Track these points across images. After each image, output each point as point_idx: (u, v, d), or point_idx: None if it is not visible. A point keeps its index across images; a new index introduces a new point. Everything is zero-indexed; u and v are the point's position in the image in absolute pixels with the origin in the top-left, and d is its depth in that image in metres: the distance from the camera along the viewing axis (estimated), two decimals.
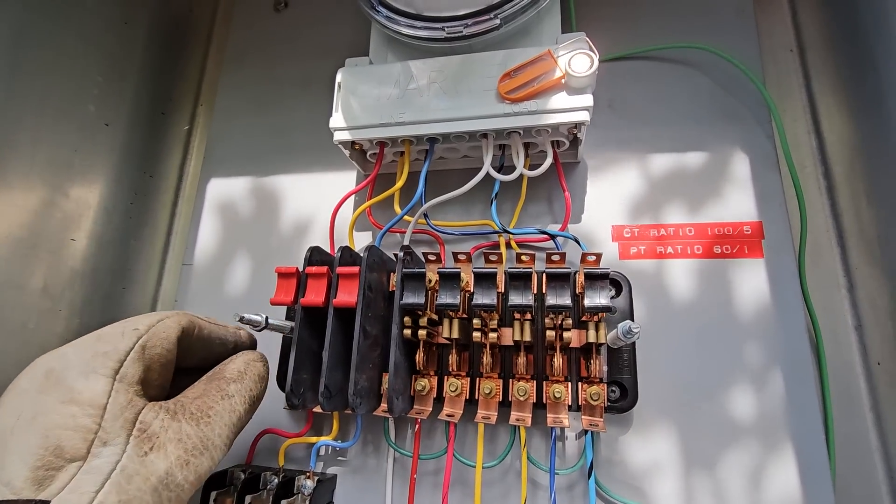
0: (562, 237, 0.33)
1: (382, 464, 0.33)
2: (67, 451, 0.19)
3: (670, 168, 0.35)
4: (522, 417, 0.29)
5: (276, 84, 0.45)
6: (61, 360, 0.22)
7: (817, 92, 0.39)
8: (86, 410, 0.20)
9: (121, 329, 0.23)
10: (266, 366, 0.28)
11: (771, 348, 0.30)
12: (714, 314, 0.32)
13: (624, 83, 0.37)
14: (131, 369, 0.22)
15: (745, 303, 0.31)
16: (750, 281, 0.32)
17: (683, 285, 0.32)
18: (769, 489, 0.28)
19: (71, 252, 0.37)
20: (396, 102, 0.33)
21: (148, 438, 0.21)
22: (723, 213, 0.33)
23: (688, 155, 0.35)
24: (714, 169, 0.34)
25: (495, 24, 0.32)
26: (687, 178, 0.35)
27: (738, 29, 0.37)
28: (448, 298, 0.28)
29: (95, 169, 0.40)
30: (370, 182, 0.35)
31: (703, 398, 0.30)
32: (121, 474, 0.20)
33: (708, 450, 0.29)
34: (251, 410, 0.26)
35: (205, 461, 0.22)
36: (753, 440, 0.29)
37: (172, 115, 0.48)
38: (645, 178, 0.35)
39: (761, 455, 0.29)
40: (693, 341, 0.31)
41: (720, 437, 0.29)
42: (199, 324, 0.26)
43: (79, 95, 0.38)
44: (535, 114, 0.31)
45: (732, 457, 0.29)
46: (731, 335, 0.31)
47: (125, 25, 0.42)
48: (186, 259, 0.41)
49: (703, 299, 0.32)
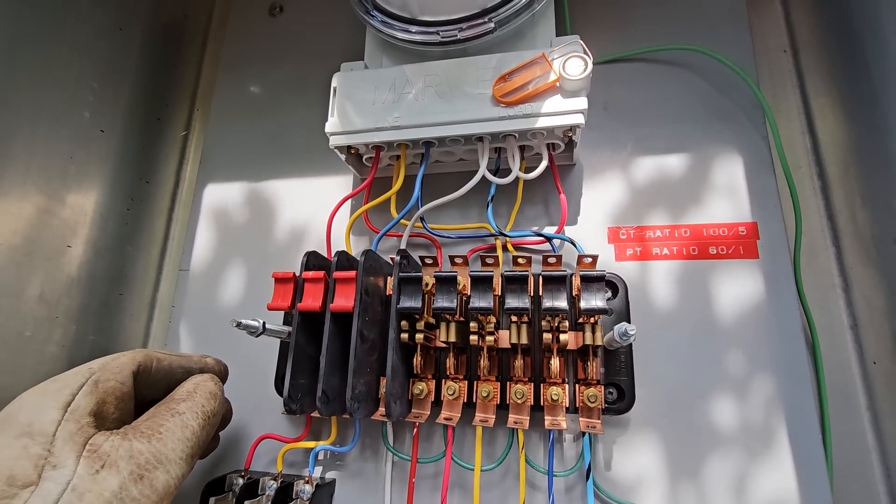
0: (558, 239, 0.33)
1: (381, 468, 0.33)
2: (19, 478, 0.20)
3: (665, 170, 0.35)
4: (520, 420, 0.29)
5: (271, 89, 0.45)
6: (17, 402, 0.23)
7: (811, 93, 0.39)
8: (36, 440, 0.21)
9: (76, 369, 0.24)
10: (217, 383, 0.28)
11: (767, 348, 0.30)
12: (710, 315, 0.32)
13: (619, 85, 0.38)
14: (83, 402, 0.23)
15: (740, 303, 0.31)
16: (745, 282, 0.32)
17: (679, 287, 0.33)
18: (766, 489, 0.28)
19: (67, 259, 0.37)
20: (392, 106, 0.33)
21: (98, 458, 0.21)
22: (718, 215, 0.33)
23: (683, 156, 0.35)
24: (709, 170, 0.35)
25: (490, 27, 0.32)
26: (682, 179, 0.35)
27: (732, 30, 0.37)
28: (445, 302, 0.28)
29: (91, 175, 0.40)
30: (366, 186, 0.35)
31: (699, 399, 0.30)
32: (72, 493, 0.20)
33: (705, 450, 0.29)
34: (208, 426, 0.26)
35: (160, 475, 0.22)
36: (750, 440, 0.29)
37: (168, 121, 0.48)
38: (640, 179, 0.35)
39: (758, 455, 0.29)
40: (689, 342, 0.31)
41: (717, 437, 0.29)
42: (156, 356, 0.27)
43: (73, 102, 0.38)
44: (529, 117, 0.31)
45: (730, 457, 0.29)
46: (727, 336, 0.31)
47: (119, 32, 0.42)
48: (183, 264, 0.41)
49: (699, 300, 0.32)
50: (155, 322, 0.45)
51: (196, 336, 0.39)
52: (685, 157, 0.35)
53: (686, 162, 0.35)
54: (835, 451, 0.31)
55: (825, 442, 0.30)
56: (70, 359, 0.37)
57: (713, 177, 0.34)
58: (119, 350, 0.27)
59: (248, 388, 0.35)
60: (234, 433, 0.35)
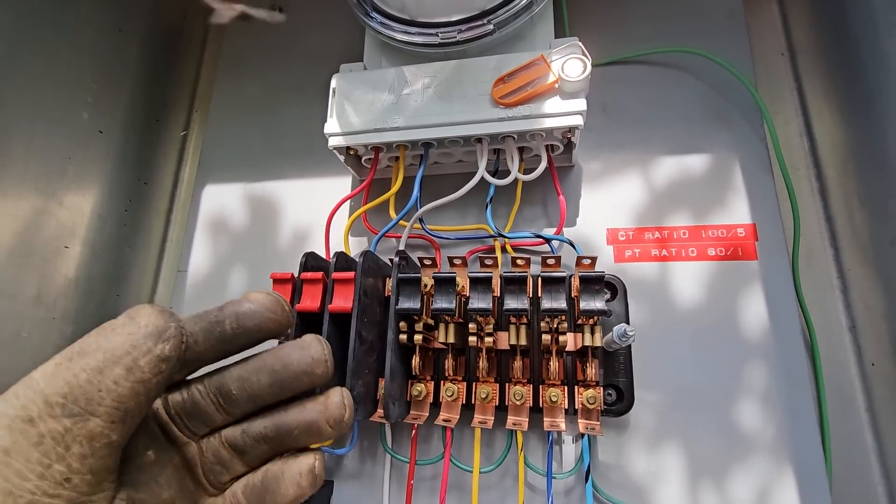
0: (557, 241, 0.33)
1: (379, 470, 0.32)
2: None
3: (664, 171, 0.35)
4: (519, 422, 0.29)
5: (270, 90, 0.45)
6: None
7: (808, 95, 0.39)
8: None
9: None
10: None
11: (765, 350, 0.30)
12: (709, 316, 0.32)
13: (617, 87, 0.38)
14: None
15: (739, 305, 0.31)
16: (744, 283, 0.32)
17: (678, 288, 0.33)
18: (766, 491, 0.28)
19: (65, 260, 0.37)
20: (391, 108, 0.33)
21: None
22: (716, 216, 0.34)
23: (681, 158, 0.35)
24: (707, 172, 0.35)
25: (489, 29, 0.32)
26: (680, 181, 0.35)
27: (730, 33, 0.37)
28: (444, 303, 0.28)
29: (89, 176, 0.39)
30: (365, 187, 0.35)
31: (698, 400, 0.30)
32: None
33: (704, 452, 0.29)
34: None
35: None
36: (749, 442, 0.29)
37: (167, 122, 0.47)
38: (639, 181, 0.35)
39: (757, 457, 0.29)
40: (688, 344, 0.31)
41: (716, 439, 0.29)
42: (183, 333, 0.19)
43: (72, 103, 0.38)
44: (528, 118, 0.31)
45: (728, 459, 0.29)
46: (725, 337, 0.31)
47: (119, 33, 0.42)
48: (181, 266, 0.41)
49: (697, 302, 0.32)
50: None
51: None
52: (683, 159, 0.35)
53: (684, 164, 0.35)
54: (834, 453, 0.31)
55: (824, 443, 0.30)
56: None
57: (711, 179, 0.34)
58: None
59: None
60: None
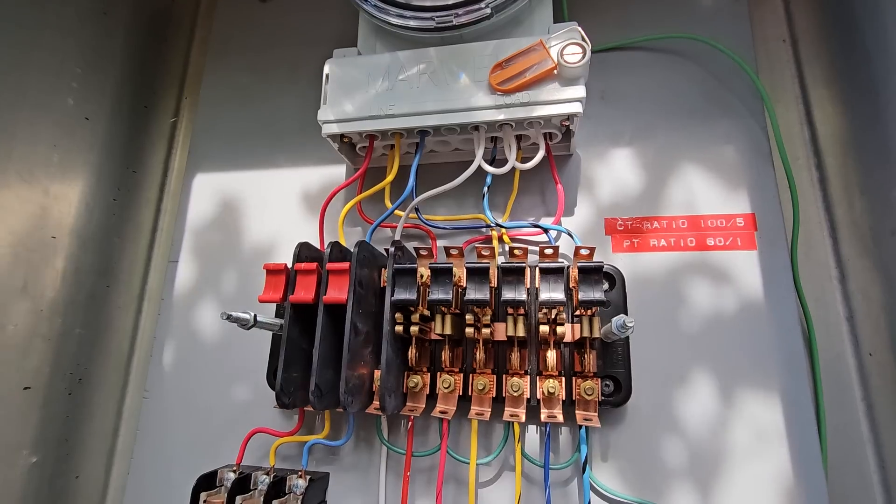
0: (555, 231, 0.33)
1: (375, 462, 0.32)
2: None
3: (663, 160, 0.35)
4: (516, 413, 0.29)
5: (262, 76, 0.44)
6: None
7: (810, 83, 0.39)
8: None
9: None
10: None
11: (763, 340, 0.30)
12: (707, 306, 0.31)
13: (617, 74, 0.37)
14: None
15: (737, 295, 0.31)
16: (743, 273, 0.32)
17: (677, 278, 0.32)
18: (762, 479, 0.28)
19: (52, 250, 0.36)
20: (386, 94, 0.32)
21: None
22: (716, 206, 0.33)
23: (681, 146, 0.35)
24: (707, 160, 0.34)
25: (486, 13, 0.32)
26: (680, 169, 0.34)
27: (731, 19, 0.37)
28: (440, 294, 0.27)
29: (76, 165, 0.38)
30: (360, 176, 0.34)
31: (696, 390, 0.30)
32: None
33: (701, 442, 0.29)
34: None
35: None
36: (746, 431, 0.29)
37: (156, 109, 0.46)
38: (638, 170, 0.35)
39: (754, 446, 0.29)
40: (686, 334, 0.31)
41: (713, 428, 0.29)
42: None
43: (56, 89, 0.37)
44: (527, 105, 0.30)
45: (726, 448, 0.29)
46: (724, 327, 0.31)
47: (104, 16, 0.41)
48: (172, 256, 0.41)
49: (696, 292, 0.32)
50: (144, 315, 0.44)
51: (186, 329, 0.38)
52: (683, 147, 0.35)
53: (684, 152, 0.35)
54: (830, 442, 0.31)
55: (820, 433, 0.30)
56: (56, 352, 0.36)
57: (711, 167, 0.34)
58: (106, 343, 0.24)
59: (239, 381, 0.35)
60: (225, 427, 0.35)
